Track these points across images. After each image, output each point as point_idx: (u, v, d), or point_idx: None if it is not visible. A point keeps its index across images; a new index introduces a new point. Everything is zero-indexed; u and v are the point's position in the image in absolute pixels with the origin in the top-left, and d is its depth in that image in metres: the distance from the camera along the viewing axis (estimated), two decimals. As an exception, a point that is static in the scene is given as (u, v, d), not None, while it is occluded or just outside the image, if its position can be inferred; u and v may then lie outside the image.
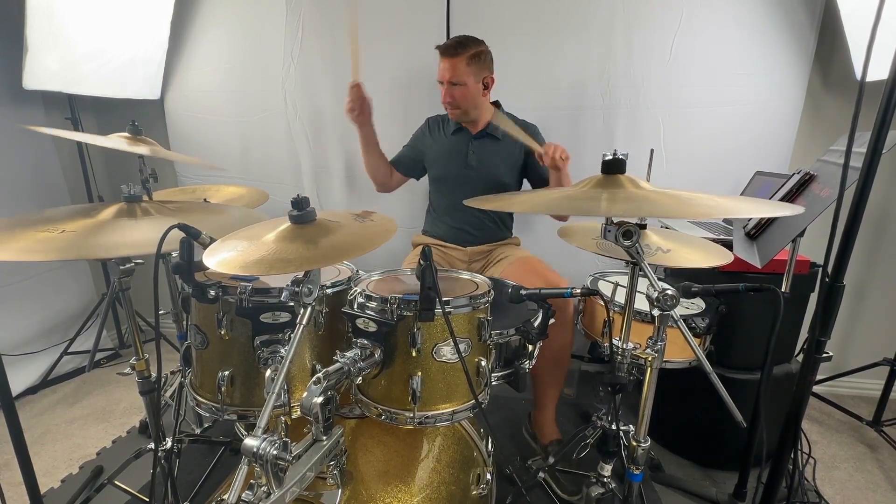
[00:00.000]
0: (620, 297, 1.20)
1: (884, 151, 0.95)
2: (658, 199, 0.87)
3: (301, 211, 0.83)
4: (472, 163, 1.74)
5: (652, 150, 1.46)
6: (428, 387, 0.92)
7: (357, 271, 1.15)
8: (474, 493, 1.06)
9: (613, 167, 0.96)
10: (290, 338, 0.84)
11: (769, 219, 1.34)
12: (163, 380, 1.74)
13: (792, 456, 1.23)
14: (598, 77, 1.98)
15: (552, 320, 1.08)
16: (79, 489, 1.50)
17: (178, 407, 1.44)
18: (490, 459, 1.18)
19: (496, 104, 1.80)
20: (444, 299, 0.87)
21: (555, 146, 1.50)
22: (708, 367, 0.91)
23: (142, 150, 1.32)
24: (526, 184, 1.86)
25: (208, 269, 0.79)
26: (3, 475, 1.64)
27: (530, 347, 1.11)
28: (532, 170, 1.78)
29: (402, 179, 1.93)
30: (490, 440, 1.23)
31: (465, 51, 1.60)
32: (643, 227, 1.17)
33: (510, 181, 1.77)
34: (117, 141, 1.33)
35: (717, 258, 1.12)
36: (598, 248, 1.17)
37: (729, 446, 1.60)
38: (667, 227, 1.68)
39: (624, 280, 1.19)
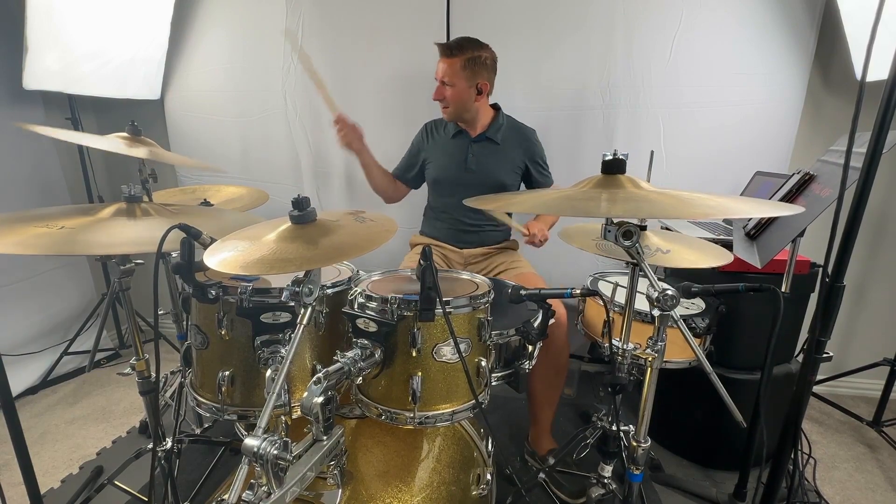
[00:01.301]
0: (620, 297, 1.20)
1: (884, 151, 0.95)
2: (658, 199, 0.87)
3: (301, 211, 0.83)
4: (472, 166, 1.73)
5: (652, 152, 1.46)
6: (428, 387, 0.92)
7: (357, 271, 1.15)
8: (474, 493, 1.06)
9: (613, 167, 0.96)
10: (290, 338, 0.83)
11: (769, 219, 1.34)
12: (163, 380, 1.74)
13: (792, 456, 1.23)
14: (598, 77, 1.99)
15: (552, 321, 1.08)
16: (79, 489, 1.50)
17: (178, 407, 1.44)
18: (490, 459, 1.18)
19: (495, 107, 1.80)
20: (444, 299, 0.87)
21: (537, 234, 1.60)
22: (708, 367, 0.91)
23: (140, 152, 1.32)
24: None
25: (209, 269, 0.79)
26: (3, 475, 1.64)
27: (530, 348, 1.12)
28: (533, 180, 1.80)
29: (408, 190, 1.95)
30: (490, 440, 1.23)
31: (461, 53, 1.60)
32: (643, 228, 1.18)
33: (510, 183, 1.77)
34: (115, 143, 1.32)
35: (716, 259, 1.12)
36: (598, 250, 1.17)
37: (729, 446, 1.61)
38: (667, 229, 1.68)
39: (624, 280, 1.19)
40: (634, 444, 1.05)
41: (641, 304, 1.03)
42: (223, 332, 0.97)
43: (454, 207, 1.79)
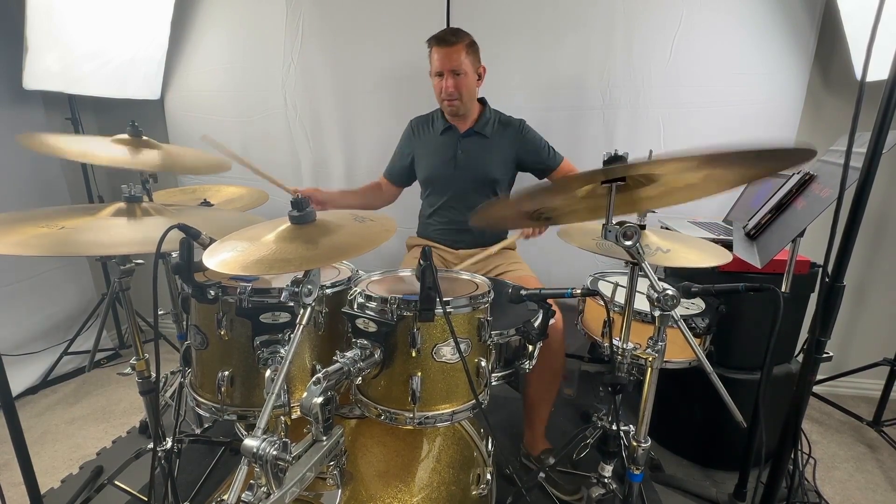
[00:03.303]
0: (620, 297, 1.20)
1: (884, 151, 0.95)
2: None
3: (301, 211, 0.83)
4: (461, 161, 1.72)
5: (651, 151, 1.45)
6: (428, 387, 0.92)
7: (357, 271, 1.15)
8: (474, 493, 1.05)
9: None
10: (289, 338, 0.83)
11: (769, 219, 1.34)
12: (163, 380, 1.74)
13: (792, 456, 1.23)
14: (598, 77, 1.98)
15: (552, 321, 1.08)
16: (79, 489, 1.50)
17: (178, 407, 1.44)
18: (490, 459, 1.18)
19: (482, 101, 1.78)
20: (444, 299, 0.87)
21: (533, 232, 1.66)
22: (708, 367, 0.91)
23: (144, 160, 1.31)
24: (523, 180, 1.85)
25: (208, 269, 0.79)
26: (3, 475, 1.64)
27: (530, 348, 1.11)
28: (532, 162, 1.77)
29: (399, 191, 1.92)
30: (490, 440, 1.22)
31: (462, 39, 1.59)
32: (642, 227, 1.17)
33: (501, 177, 1.75)
34: (119, 152, 1.31)
35: (716, 258, 1.12)
36: (598, 249, 1.17)
37: (729, 446, 1.61)
38: (667, 228, 1.68)
39: (624, 280, 1.19)
40: (634, 444, 1.05)
41: (641, 304, 1.03)
42: (223, 333, 0.97)
43: (447, 206, 1.78)
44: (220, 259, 0.78)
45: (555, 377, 1.56)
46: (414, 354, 0.90)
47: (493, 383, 1.05)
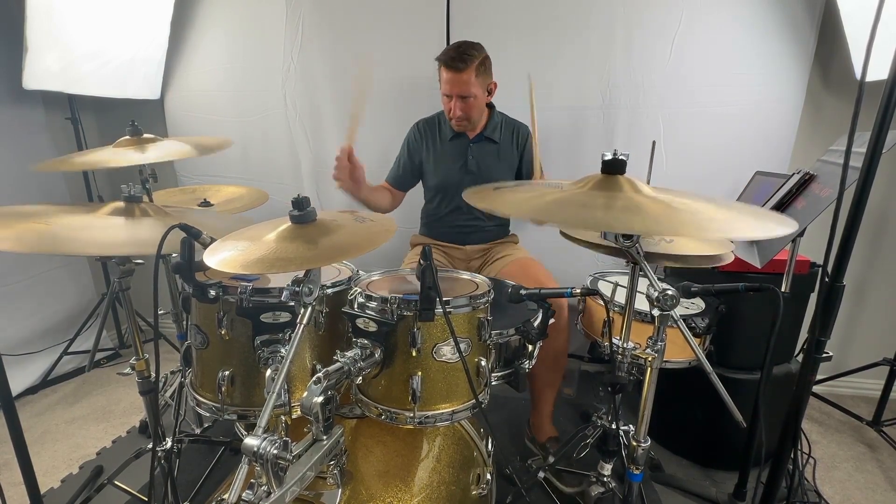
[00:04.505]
0: (620, 297, 1.20)
1: (884, 151, 0.95)
2: (657, 210, 0.82)
3: (301, 211, 0.83)
4: (472, 168, 1.73)
5: (654, 143, 1.44)
6: (428, 386, 0.92)
7: (357, 271, 1.15)
8: (474, 493, 1.06)
9: (613, 167, 0.96)
10: (290, 338, 0.84)
11: (769, 219, 1.33)
12: (163, 380, 1.74)
13: (792, 456, 1.23)
14: (598, 77, 1.98)
15: (552, 320, 1.08)
16: (79, 489, 1.50)
17: (178, 407, 1.44)
18: (490, 459, 1.18)
19: (489, 105, 1.79)
20: (444, 299, 0.87)
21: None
22: (708, 367, 0.91)
23: (149, 156, 1.30)
24: None
25: (209, 268, 0.79)
26: (3, 475, 1.64)
27: (530, 347, 1.12)
28: (522, 171, 1.81)
29: (403, 195, 1.91)
30: (490, 440, 1.23)
31: (472, 62, 1.56)
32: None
33: (508, 180, 1.77)
34: (123, 154, 1.30)
35: (718, 248, 1.12)
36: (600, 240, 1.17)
37: (729, 446, 1.60)
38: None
39: (624, 280, 1.19)
40: (634, 443, 1.05)
41: (641, 303, 1.03)
42: (223, 332, 0.97)
43: (454, 211, 1.79)
44: (220, 258, 0.78)
45: (559, 358, 1.56)
46: (414, 354, 0.91)
47: (493, 383, 1.05)
